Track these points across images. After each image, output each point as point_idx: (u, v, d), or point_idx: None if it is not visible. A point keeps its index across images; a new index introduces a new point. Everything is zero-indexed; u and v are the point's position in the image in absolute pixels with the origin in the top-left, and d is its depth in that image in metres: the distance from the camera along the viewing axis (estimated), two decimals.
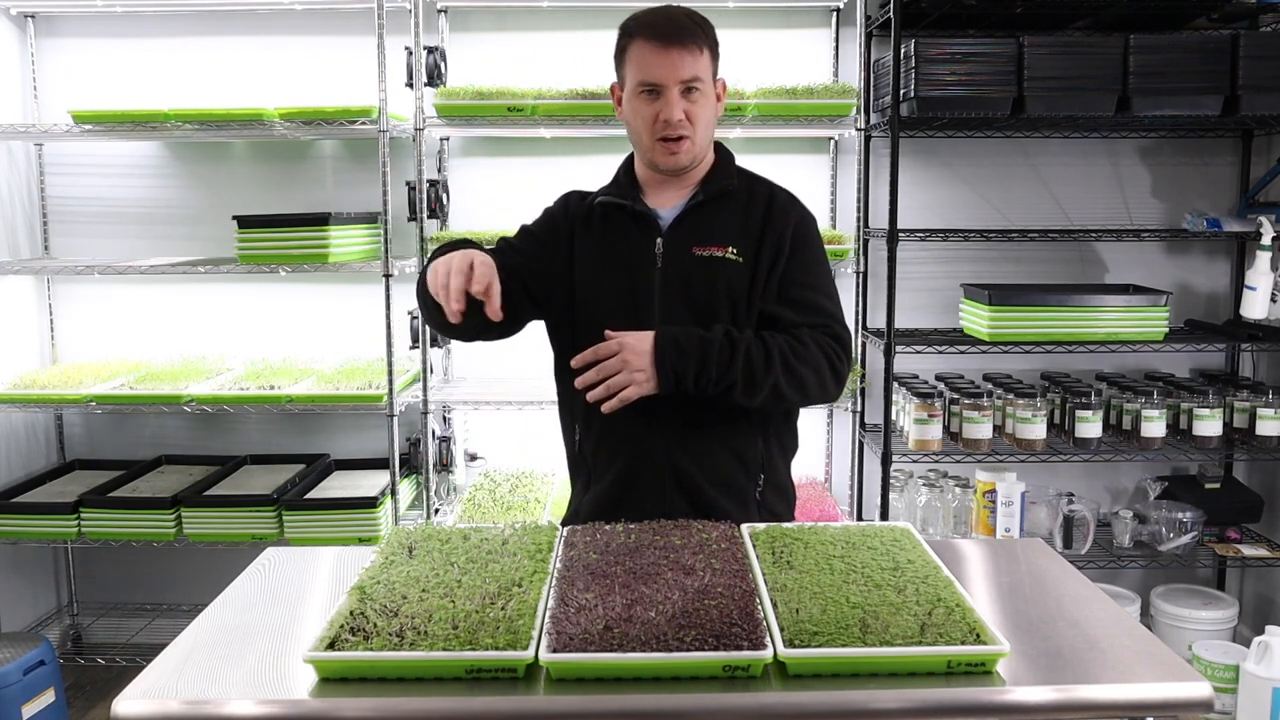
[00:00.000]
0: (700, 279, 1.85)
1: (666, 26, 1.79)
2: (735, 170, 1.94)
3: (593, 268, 1.90)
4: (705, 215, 1.89)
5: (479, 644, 1.31)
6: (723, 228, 1.88)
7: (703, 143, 1.86)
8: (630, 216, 1.90)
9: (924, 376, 3.48)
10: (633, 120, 1.85)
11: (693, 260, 1.86)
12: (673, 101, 1.79)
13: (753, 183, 1.95)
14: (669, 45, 1.78)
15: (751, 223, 1.89)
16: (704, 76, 1.81)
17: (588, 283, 1.90)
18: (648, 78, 1.79)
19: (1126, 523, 3.32)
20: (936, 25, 3.25)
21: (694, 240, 1.87)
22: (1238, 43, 2.98)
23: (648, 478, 1.86)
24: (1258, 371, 3.56)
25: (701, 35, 1.81)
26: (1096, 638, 1.43)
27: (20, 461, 3.50)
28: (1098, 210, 3.53)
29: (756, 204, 1.91)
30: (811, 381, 1.80)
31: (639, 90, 1.81)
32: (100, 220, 3.56)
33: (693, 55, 1.79)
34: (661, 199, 1.91)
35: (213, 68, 3.47)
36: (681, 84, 1.79)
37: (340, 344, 3.55)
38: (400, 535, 1.71)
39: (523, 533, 1.72)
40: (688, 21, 1.81)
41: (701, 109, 1.82)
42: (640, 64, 1.80)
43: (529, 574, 1.53)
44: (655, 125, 1.81)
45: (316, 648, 1.32)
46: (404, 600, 1.44)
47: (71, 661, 3.47)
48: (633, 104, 1.83)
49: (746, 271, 1.86)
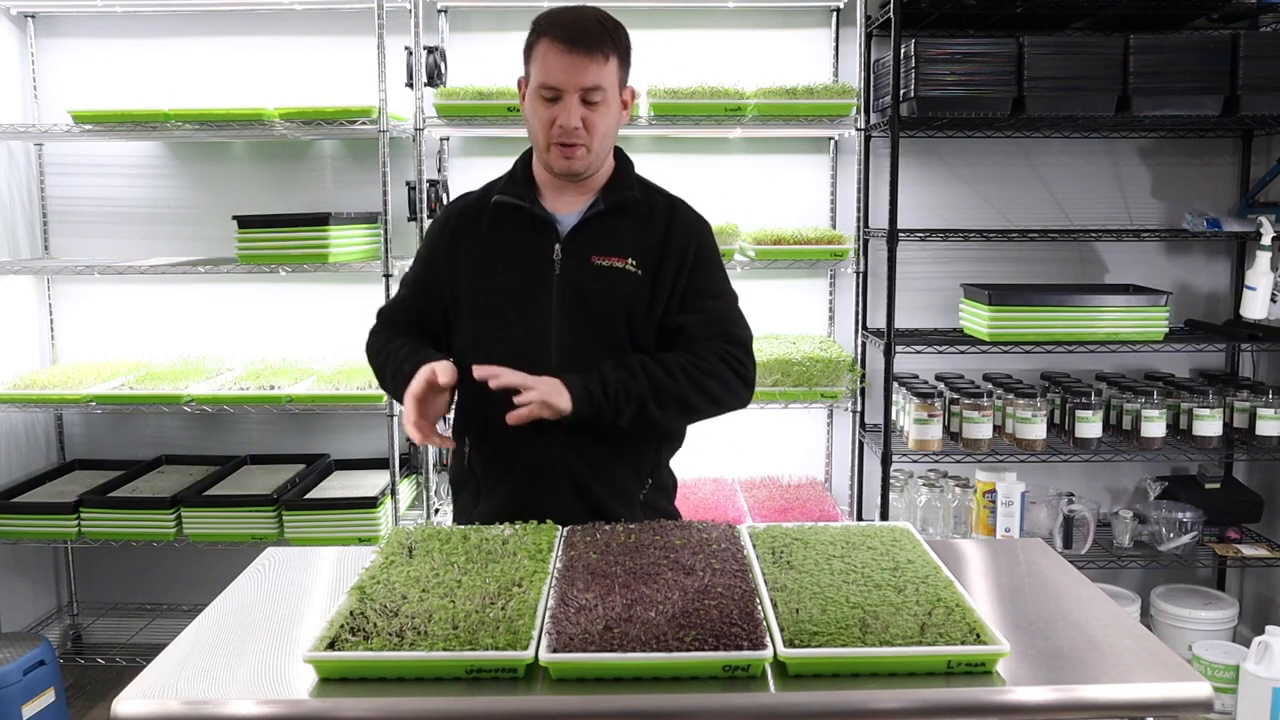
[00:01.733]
0: (598, 288, 1.84)
1: (574, 30, 1.76)
2: (635, 179, 1.93)
3: (484, 268, 1.88)
4: (605, 224, 1.87)
5: (479, 644, 1.31)
6: (622, 238, 1.86)
7: (600, 151, 1.83)
8: (528, 219, 1.88)
9: (924, 376, 3.48)
10: (531, 120, 1.82)
11: (591, 269, 1.84)
12: (570, 108, 1.76)
13: (651, 193, 1.94)
14: (573, 50, 1.74)
15: (652, 236, 1.88)
16: (606, 85, 1.78)
17: (477, 284, 1.88)
18: (548, 81, 1.76)
19: (1126, 523, 3.32)
20: (936, 25, 3.25)
21: (593, 249, 1.85)
22: (1238, 43, 2.98)
23: (546, 489, 1.85)
24: (1258, 371, 3.56)
25: (610, 42, 1.78)
26: (1096, 638, 1.43)
27: (20, 461, 3.50)
28: (1098, 210, 3.53)
29: (657, 217, 1.90)
30: (718, 391, 1.83)
31: (539, 92, 1.78)
32: (100, 220, 3.56)
33: (597, 63, 1.76)
34: (560, 203, 1.89)
35: (213, 68, 3.47)
36: (582, 91, 1.76)
37: (340, 344, 3.55)
38: (400, 535, 1.71)
39: (523, 532, 1.71)
40: (597, 27, 1.77)
41: (601, 117, 1.79)
42: (543, 65, 1.77)
43: (529, 574, 1.53)
44: (552, 130, 1.78)
45: (316, 648, 1.32)
46: (404, 600, 1.44)
47: (71, 661, 3.47)
48: (532, 104, 1.80)
49: (645, 283, 1.85)
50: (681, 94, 3.13)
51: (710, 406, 1.85)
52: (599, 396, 1.76)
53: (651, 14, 3.42)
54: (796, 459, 3.57)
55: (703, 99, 3.12)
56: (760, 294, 3.54)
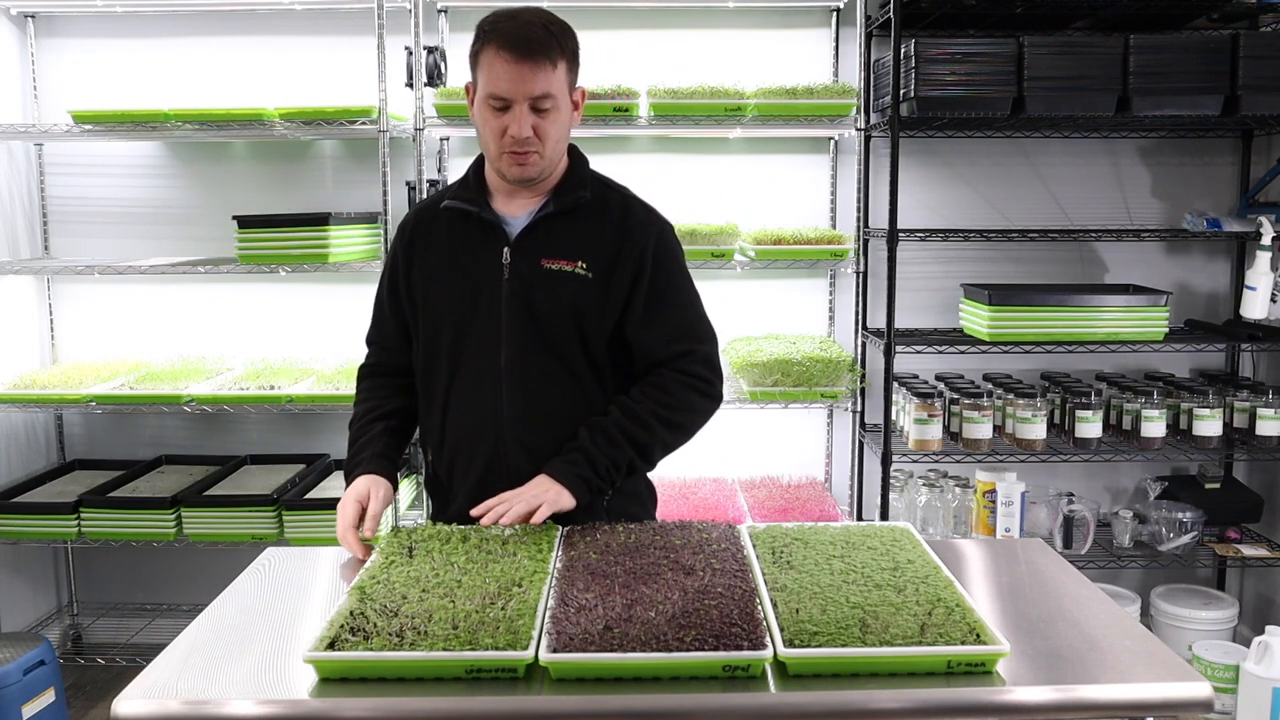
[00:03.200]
0: (547, 293, 1.82)
1: (519, 39, 1.71)
2: (589, 177, 1.90)
3: (434, 274, 1.88)
4: (555, 227, 1.85)
5: (479, 644, 1.31)
6: (573, 241, 1.84)
7: (553, 155, 1.81)
8: (477, 224, 1.86)
9: (924, 376, 3.48)
10: (481, 129, 1.79)
11: (541, 273, 1.83)
12: (521, 117, 1.73)
13: (606, 191, 1.91)
14: (520, 60, 1.70)
15: (604, 237, 1.85)
16: (556, 92, 1.74)
17: (428, 291, 1.88)
18: (496, 91, 1.72)
19: (1126, 523, 3.31)
20: (936, 25, 3.25)
21: (542, 253, 1.83)
22: (1238, 43, 2.97)
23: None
24: (1258, 371, 3.56)
25: (556, 48, 1.73)
26: (1096, 638, 1.43)
27: (20, 461, 3.50)
28: (1098, 210, 3.53)
29: (610, 217, 1.87)
30: (692, 421, 1.87)
31: (488, 101, 1.74)
32: (100, 220, 3.56)
33: (545, 72, 1.72)
34: (511, 205, 1.87)
35: (213, 68, 3.47)
36: (531, 100, 1.72)
37: (340, 344, 3.55)
38: (401, 535, 1.71)
39: (523, 533, 1.71)
40: (543, 33, 1.72)
41: (552, 124, 1.76)
42: (490, 75, 1.73)
43: (529, 574, 1.53)
44: (503, 139, 1.75)
45: (316, 648, 1.32)
46: (404, 600, 1.44)
47: (71, 661, 3.47)
48: (482, 113, 1.77)
49: (597, 287, 1.83)
50: (681, 94, 3.13)
51: (685, 437, 1.88)
52: (595, 481, 1.77)
53: (651, 14, 3.42)
54: (796, 459, 3.57)
55: (703, 99, 3.12)
56: (760, 294, 3.54)
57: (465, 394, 1.86)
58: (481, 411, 1.85)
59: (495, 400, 1.84)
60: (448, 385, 1.88)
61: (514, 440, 1.84)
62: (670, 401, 1.83)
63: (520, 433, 1.83)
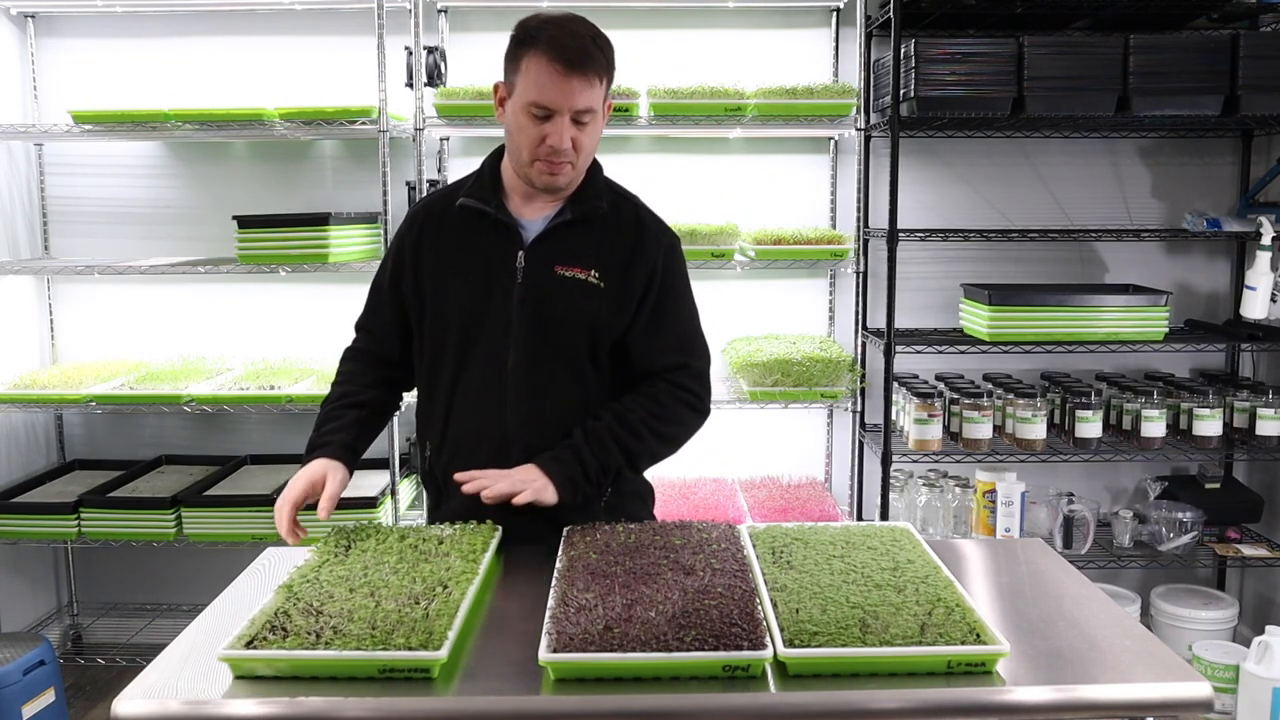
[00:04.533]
0: (559, 299, 1.83)
1: (572, 51, 1.71)
2: (604, 186, 1.91)
3: (445, 271, 1.87)
4: (570, 234, 1.85)
5: (391, 644, 1.32)
6: (587, 249, 1.85)
7: (583, 166, 1.82)
8: (492, 224, 1.86)
9: (924, 376, 3.48)
10: (516, 135, 1.78)
11: (554, 280, 1.83)
12: (562, 129, 1.73)
13: (619, 201, 1.92)
14: (570, 73, 1.70)
15: (618, 248, 1.86)
16: (597, 106, 1.76)
17: (438, 287, 1.87)
18: (542, 101, 1.72)
19: (1126, 523, 3.31)
20: (936, 25, 3.25)
21: (557, 259, 1.84)
22: (1238, 43, 2.97)
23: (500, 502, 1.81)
24: (1258, 371, 3.56)
25: (603, 62, 1.75)
26: (1096, 638, 1.43)
27: (20, 461, 3.50)
28: (1098, 210, 3.53)
29: (624, 228, 1.88)
30: (680, 434, 1.90)
31: (529, 109, 1.73)
32: (100, 220, 3.56)
33: (591, 86, 1.73)
34: (526, 209, 1.87)
35: (213, 68, 3.47)
36: (574, 112, 1.73)
37: (340, 344, 3.53)
38: (340, 534, 1.72)
39: (460, 533, 1.72)
40: (592, 46, 1.73)
41: (588, 136, 1.77)
42: (537, 84, 1.72)
43: (457, 575, 1.54)
44: (540, 147, 1.75)
45: (234, 645, 1.32)
46: (330, 599, 1.45)
47: (71, 661, 3.47)
48: (519, 119, 1.76)
49: (608, 296, 1.84)
50: (681, 94, 3.13)
51: (672, 449, 1.90)
52: (582, 484, 1.78)
53: (651, 14, 3.42)
54: (796, 459, 3.57)
55: (703, 99, 3.12)
56: (760, 294, 3.54)
57: (469, 394, 1.86)
58: (485, 413, 1.84)
59: (500, 402, 1.84)
60: (452, 384, 1.88)
61: (517, 443, 1.83)
62: (662, 413, 1.85)
63: (524, 436, 1.83)
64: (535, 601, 1.56)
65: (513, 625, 1.51)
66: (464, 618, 1.42)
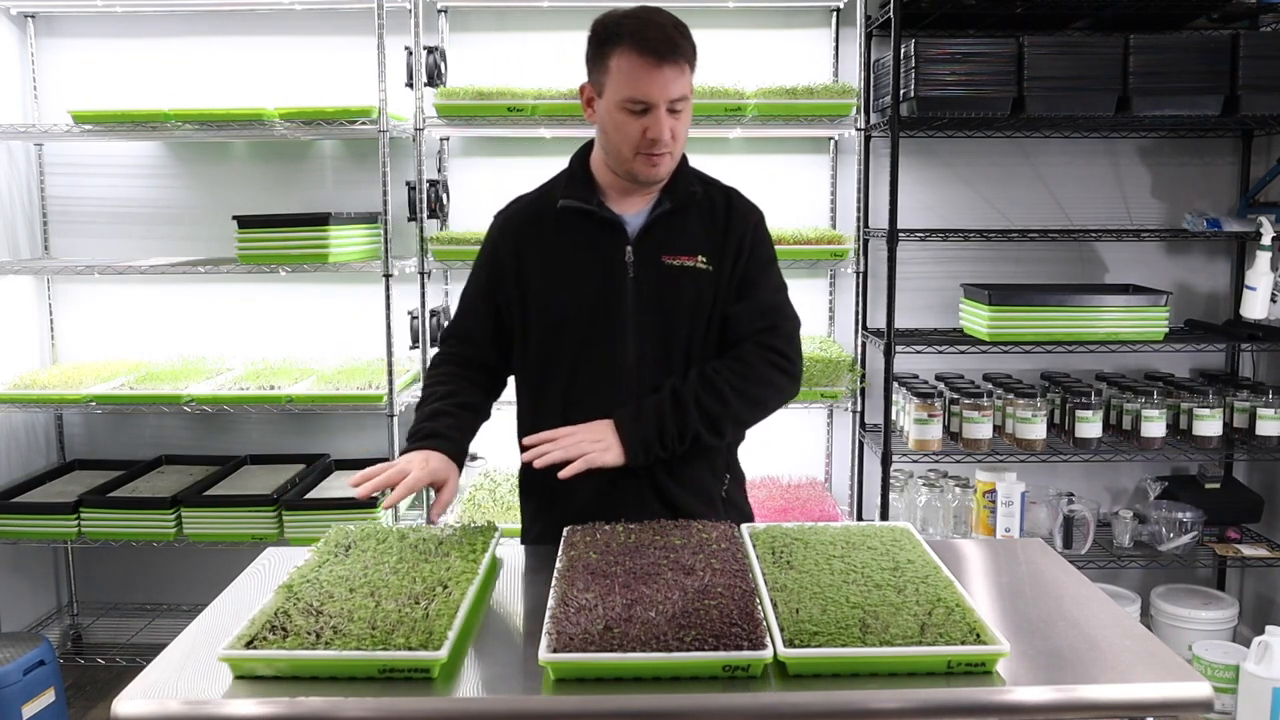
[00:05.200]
0: (673, 288, 1.84)
1: (659, 42, 1.73)
2: (692, 172, 1.93)
3: (552, 272, 1.86)
4: (672, 223, 1.87)
5: (392, 644, 1.32)
6: (691, 236, 1.87)
7: (679, 154, 1.84)
8: (596, 222, 1.86)
9: (924, 376, 3.48)
10: (613, 133, 1.79)
11: (664, 270, 1.84)
12: (661, 120, 1.75)
13: (709, 186, 1.94)
14: (661, 63, 1.72)
15: (715, 229, 1.88)
16: (689, 93, 1.78)
17: (545, 290, 1.86)
18: (637, 95, 1.73)
19: (1126, 523, 3.31)
20: (936, 25, 3.25)
21: (663, 249, 1.85)
22: (1238, 43, 2.98)
23: (626, 492, 1.83)
24: (1258, 371, 3.56)
25: (688, 49, 1.77)
26: (1096, 638, 1.43)
27: (20, 461, 3.50)
28: (1098, 210, 3.53)
29: (717, 209, 1.91)
30: (769, 396, 1.86)
31: (624, 105, 1.75)
32: (100, 220, 3.56)
33: (682, 72, 1.75)
34: (624, 204, 1.88)
35: (213, 68, 3.47)
36: (669, 102, 1.75)
37: (340, 344, 3.56)
38: (339, 534, 1.72)
39: (460, 534, 1.72)
40: (677, 35, 1.76)
41: (683, 124, 1.80)
42: (630, 79, 1.73)
43: (457, 575, 1.54)
44: (640, 142, 1.77)
45: (234, 645, 1.32)
46: (329, 599, 1.44)
47: (71, 661, 3.47)
48: (615, 117, 1.77)
49: (715, 278, 1.86)
50: None
51: (761, 413, 1.88)
52: (655, 448, 1.77)
53: None
54: (796, 459, 3.57)
55: (703, 99, 3.12)
56: None
57: (588, 392, 1.84)
58: (605, 408, 1.81)
59: (619, 396, 1.82)
60: (567, 384, 1.86)
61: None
62: (748, 374, 1.83)
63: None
64: (535, 601, 1.57)
65: (513, 625, 1.51)
66: (464, 618, 1.42)
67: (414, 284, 3.27)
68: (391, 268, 3.16)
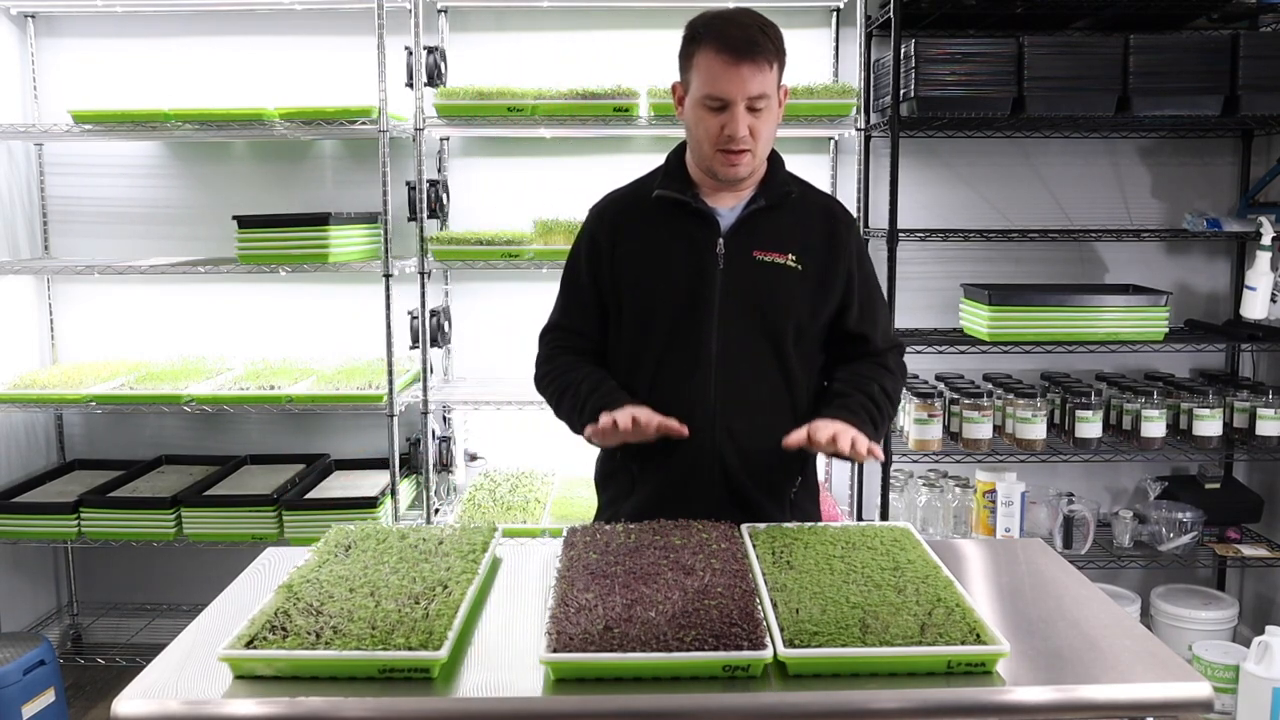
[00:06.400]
0: (762, 285, 1.86)
1: (739, 40, 1.74)
2: (789, 176, 1.94)
3: (646, 260, 1.89)
4: (765, 220, 1.88)
5: (391, 644, 1.32)
6: (783, 234, 1.88)
7: (762, 155, 1.85)
8: (690, 214, 1.88)
9: (924, 376, 3.48)
10: (695, 129, 1.82)
11: (755, 265, 1.86)
12: (739, 117, 1.76)
13: (805, 189, 1.96)
14: (740, 61, 1.73)
15: (814, 234, 1.90)
16: (770, 92, 1.77)
17: (638, 277, 1.89)
18: (715, 92, 1.75)
19: (1126, 523, 3.31)
20: (936, 25, 3.25)
21: (755, 245, 1.86)
22: (1238, 43, 2.98)
23: (699, 483, 1.85)
24: (1258, 371, 3.56)
25: (771, 48, 1.77)
26: (1096, 638, 1.43)
27: (20, 461, 3.50)
28: (1098, 210, 3.53)
29: (815, 214, 1.92)
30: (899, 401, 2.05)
31: (704, 102, 1.77)
32: (100, 220, 3.56)
33: (762, 71, 1.75)
34: (717, 198, 1.90)
35: (213, 68, 3.47)
36: (748, 100, 1.76)
37: (340, 344, 3.55)
38: (340, 534, 1.72)
39: (459, 534, 1.72)
40: (759, 34, 1.76)
41: (765, 124, 1.80)
42: (709, 76, 1.75)
43: (456, 575, 1.54)
44: (719, 138, 1.78)
45: (234, 645, 1.32)
46: (330, 599, 1.45)
47: (71, 661, 3.47)
48: (696, 113, 1.80)
49: (809, 280, 1.87)
50: None
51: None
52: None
53: (651, 14, 3.41)
54: None
55: None
56: None
57: (673, 380, 1.86)
58: (690, 397, 1.84)
59: (705, 387, 1.84)
60: (655, 370, 1.88)
61: (721, 427, 1.84)
62: (895, 385, 1.96)
63: (728, 420, 1.84)
64: (535, 601, 1.57)
65: (513, 625, 1.51)
66: (464, 618, 1.42)
67: (414, 284, 3.27)
68: (391, 268, 3.16)
